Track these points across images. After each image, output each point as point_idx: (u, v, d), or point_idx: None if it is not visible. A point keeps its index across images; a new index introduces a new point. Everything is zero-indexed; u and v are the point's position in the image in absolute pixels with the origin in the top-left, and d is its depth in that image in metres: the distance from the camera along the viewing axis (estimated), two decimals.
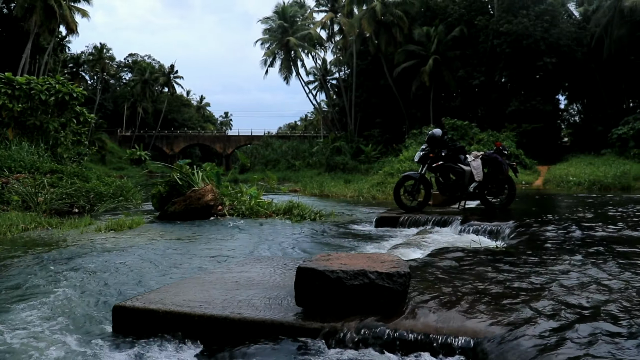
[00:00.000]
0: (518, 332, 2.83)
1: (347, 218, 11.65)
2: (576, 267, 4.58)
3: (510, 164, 10.02)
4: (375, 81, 48.68)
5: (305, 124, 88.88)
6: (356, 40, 47.62)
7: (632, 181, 24.39)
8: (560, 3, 44.98)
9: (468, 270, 4.53)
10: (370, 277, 3.24)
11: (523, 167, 31.13)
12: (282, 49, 51.24)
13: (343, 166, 39.95)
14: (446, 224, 8.68)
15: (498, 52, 41.23)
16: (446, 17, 45.47)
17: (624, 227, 7.43)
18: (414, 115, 46.15)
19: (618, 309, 3.18)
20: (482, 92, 43.80)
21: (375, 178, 24.58)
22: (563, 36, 40.91)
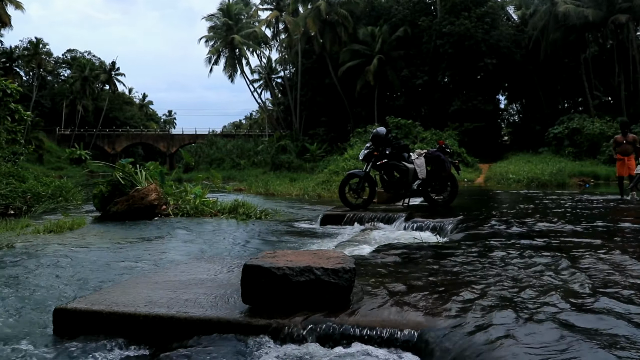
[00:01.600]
0: (458, 322, 2.92)
1: (293, 216, 11.68)
2: (515, 260, 4.75)
3: (452, 162, 10.26)
4: (320, 80, 48.87)
5: (250, 122, 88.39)
6: (301, 39, 47.69)
7: (567, 178, 25.38)
8: (500, 6, 46.29)
9: (412, 265, 4.63)
10: (316, 273, 3.26)
11: (465, 165, 31.91)
12: (226, 46, 50.79)
13: (288, 165, 39.98)
14: (391, 221, 8.82)
15: (441, 53, 42.06)
16: (390, 18, 46.09)
17: (559, 221, 7.74)
18: (358, 114, 46.58)
19: (556, 299, 3.32)
20: (425, 91, 44.61)
21: (321, 176, 24.71)
22: (503, 38, 42.12)
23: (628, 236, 6.24)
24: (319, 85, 49.35)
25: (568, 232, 6.63)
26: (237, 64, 51.53)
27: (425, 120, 41.93)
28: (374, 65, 43.18)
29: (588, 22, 40.02)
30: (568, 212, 9.27)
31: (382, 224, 8.78)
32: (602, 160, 32.95)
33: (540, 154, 36.26)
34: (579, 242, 5.79)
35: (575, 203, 11.44)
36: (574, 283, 3.77)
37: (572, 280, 3.86)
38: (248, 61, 52.75)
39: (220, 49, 51.48)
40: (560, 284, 3.77)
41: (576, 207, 10.35)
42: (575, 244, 5.65)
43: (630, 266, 4.33)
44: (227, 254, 6.43)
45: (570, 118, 38.85)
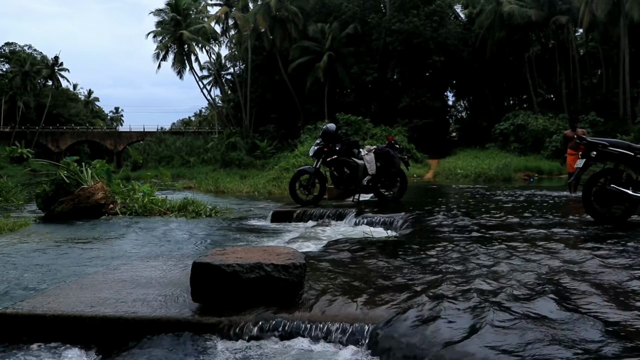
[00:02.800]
0: (407, 315, 2.96)
1: (243, 213, 11.62)
2: (463, 252, 4.86)
3: (401, 158, 10.40)
4: (270, 77, 48.69)
5: (200, 119, 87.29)
6: (251, 35, 47.39)
7: (512, 173, 26.07)
8: (447, 5, 47.08)
9: (362, 260, 4.68)
10: (267, 270, 3.26)
11: (415, 161, 32.35)
12: (175, 42, 49.91)
13: (239, 162, 39.72)
14: (341, 216, 8.86)
15: (390, 50, 42.48)
16: (340, 15, 46.27)
17: (504, 214, 7.96)
18: (309, 111, 46.64)
19: (503, 291, 3.41)
20: (375, 88, 45.02)
21: (271, 173, 24.65)
22: (450, 36, 42.88)
23: (569, 228, 6.46)
24: (269, 82, 49.15)
25: (513, 224, 6.83)
26: (186, 60, 50.71)
27: (375, 117, 42.34)
28: (324, 62, 43.30)
29: (531, 22, 41.21)
30: (514, 206, 9.53)
31: (333, 220, 8.81)
32: (545, 155, 34.03)
33: (487, 150, 37.14)
34: (524, 234, 5.96)
35: (520, 197, 11.77)
36: (519, 273, 3.88)
37: (517, 270, 3.97)
38: (197, 57, 52.07)
39: (169, 44, 50.53)
40: (506, 274, 3.87)
41: (521, 201, 10.65)
42: (520, 236, 5.82)
43: (574, 258, 4.48)
44: (177, 253, 6.35)
45: (515, 115, 39.95)
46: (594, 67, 50.05)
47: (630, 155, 6.69)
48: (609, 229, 6.25)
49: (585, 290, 3.42)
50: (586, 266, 4.16)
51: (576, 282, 3.64)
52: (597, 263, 4.24)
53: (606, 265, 4.15)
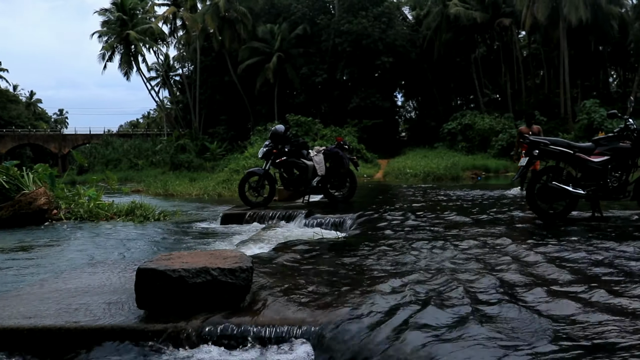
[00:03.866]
0: (356, 316, 2.97)
1: (192, 217, 11.47)
2: (412, 251, 4.92)
3: (351, 158, 10.46)
4: (219, 78, 48.27)
5: (148, 121, 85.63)
6: (200, 36, 46.85)
7: (460, 171, 26.58)
8: (395, 6, 47.66)
9: (311, 261, 4.67)
10: (213, 274, 3.22)
11: (364, 161, 32.62)
12: (121, 43, 48.83)
13: (188, 164, 39.20)
14: (291, 218, 8.85)
15: (340, 51, 42.72)
16: (290, 15, 46.28)
17: (452, 213, 8.10)
18: (258, 112, 46.47)
19: (450, 288, 3.46)
20: (325, 89, 45.19)
21: (221, 175, 24.44)
22: (399, 37, 43.42)
23: (513, 224, 6.63)
24: (219, 83, 48.72)
25: (460, 223, 6.96)
26: (133, 60, 49.68)
27: (325, 118, 42.52)
28: (274, 63, 43.21)
29: (476, 24, 42.15)
30: (462, 205, 9.72)
31: (283, 222, 8.79)
32: (492, 154, 34.90)
33: (436, 149, 37.81)
34: (471, 232, 6.08)
35: (468, 196, 12.00)
36: (464, 271, 3.95)
37: (463, 268, 4.04)
38: (144, 58, 51.16)
39: (115, 45, 49.38)
40: (453, 271, 3.93)
41: (469, 200, 10.86)
42: (467, 233, 5.94)
43: (522, 256, 4.59)
44: (122, 259, 6.21)
45: (462, 114, 40.81)
46: (536, 68, 51.58)
47: (570, 153, 6.92)
48: (550, 225, 6.44)
49: (526, 283, 3.50)
50: (528, 261, 4.28)
51: (517, 276, 3.73)
52: (539, 258, 4.35)
53: (548, 260, 4.26)
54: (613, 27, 42.96)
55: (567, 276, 3.73)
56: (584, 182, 6.99)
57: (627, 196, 7.06)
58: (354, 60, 42.68)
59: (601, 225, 6.39)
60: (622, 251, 4.64)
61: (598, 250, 4.66)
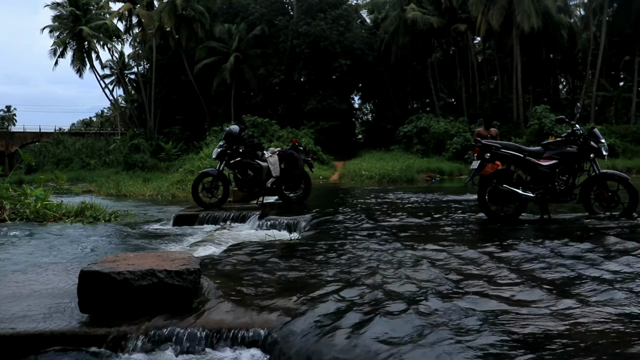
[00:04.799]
0: (306, 318, 2.95)
1: (144, 218, 11.24)
2: (364, 252, 4.92)
3: (305, 160, 10.45)
4: (176, 77, 47.65)
5: (102, 120, 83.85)
6: (156, 34, 46.14)
7: (415, 174, 26.89)
8: (354, 9, 47.97)
9: (263, 263, 4.63)
10: (159, 276, 3.15)
11: (321, 163, 32.67)
12: (74, 38, 47.56)
13: (142, 164, 38.53)
14: (245, 219, 8.79)
15: (297, 52, 42.72)
16: (248, 16, 46.06)
17: (405, 215, 8.16)
18: (215, 112, 46.08)
19: (402, 288, 3.47)
20: (282, 90, 45.13)
21: (176, 176, 24.07)
22: (357, 40, 43.68)
23: (464, 226, 6.72)
24: (175, 83, 48.09)
25: (413, 225, 7.02)
26: (86, 57, 48.45)
27: (282, 119, 42.47)
28: (231, 63, 42.91)
29: (433, 29, 42.74)
30: (415, 207, 9.81)
31: (236, 223, 8.72)
32: (447, 157, 35.43)
33: (392, 151, 38.18)
34: (423, 234, 6.14)
35: (421, 198, 12.13)
36: (418, 273, 3.97)
37: (417, 270, 4.06)
38: (98, 55, 49.87)
39: (67, 40, 48.02)
40: (407, 274, 3.94)
41: (422, 202, 10.98)
42: (420, 235, 5.99)
43: (466, 255, 4.65)
44: (67, 261, 6.02)
45: (418, 117, 41.32)
46: (490, 73, 52.66)
47: (520, 157, 7.07)
48: (501, 227, 6.55)
49: (472, 283, 3.54)
50: (478, 262, 4.33)
51: (465, 277, 3.77)
52: (487, 259, 4.42)
53: (499, 260, 4.32)
54: (563, 37, 44.29)
55: (511, 275, 3.79)
56: (533, 185, 7.16)
57: (573, 199, 7.26)
58: (312, 62, 42.75)
59: (549, 227, 6.54)
60: (562, 251, 4.78)
61: (543, 251, 4.79)
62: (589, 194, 7.39)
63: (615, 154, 33.08)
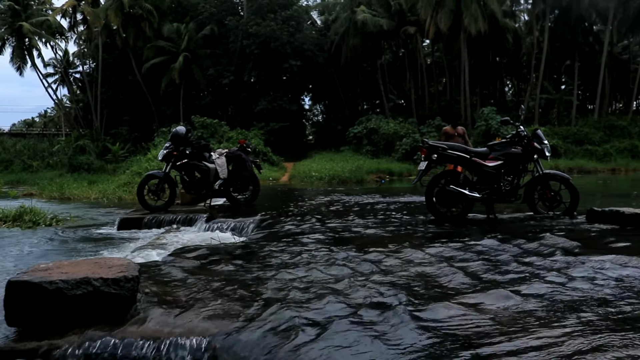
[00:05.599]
0: (249, 324, 2.87)
1: (88, 222, 10.91)
2: (312, 256, 4.85)
3: (254, 161, 10.33)
4: (123, 76, 46.59)
5: (45, 120, 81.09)
6: (102, 32, 44.97)
7: (365, 175, 27.04)
8: (304, 10, 47.97)
9: (207, 268, 4.50)
10: (95, 285, 3.00)
11: (271, 164, 32.53)
12: (13, 35, 45.63)
13: (88, 166, 37.43)
14: (192, 222, 8.62)
15: (247, 53, 42.43)
16: (197, 15, 45.44)
17: (354, 217, 8.15)
18: (164, 113, 45.28)
19: (350, 291, 3.41)
20: (232, 91, 44.72)
21: (123, 178, 23.47)
22: (307, 41, 43.68)
23: (411, 227, 6.73)
24: (122, 82, 47.02)
25: (360, 225, 7.00)
26: (27, 55, 46.58)
27: (232, 120, 42.08)
28: (180, 63, 42.22)
29: (383, 31, 43.13)
30: (364, 208, 9.82)
31: (184, 226, 8.54)
32: (396, 158, 35.82)
33: (342, 153, 38.33)
34: (370, 235, 6.12)
35: (370, 199, 12.17)
36: (361, 275, 3.93)
37: (360, 272, 4.02)
38: (40, 53, 48.10)
39: (6, 37, 46.00)
40: (351, 277, 3.90)
41: (371, 203, 11.00)
42: (366, 238, 5.96)
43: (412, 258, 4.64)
44: None
45: (368, 119, 41.62)
46: (439, 75, 53.58)
47: (467, 158, 7.16)
48: (448, 227, 6.60)
49: (419, 286, 3.52)
50: (419, 261, 4.33)
51: (409, 280, 3.75)
52: (432, 259, 4.42)
53: (439, 260, 4.33)
54: (508, 40, 45.44)
55: (458, 276, 3.79)
56: (479, 185, 7.27)
57: (518, 199, 7.42)
58: (262, 63, 42.52)
59: (494, 226, 6.63)
60: (505, 250, 4.87)
61: (487, 250, 4.84)
62: (533, 193, 7.55)
63: (558, 155, 34.13)
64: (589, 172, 32.37)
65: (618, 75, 48.63)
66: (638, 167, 34.92)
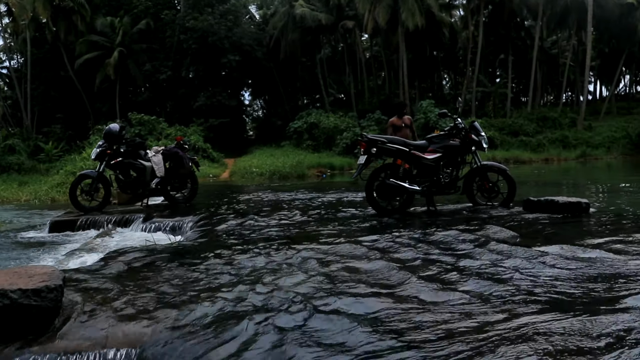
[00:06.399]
0: (182, 332, 2.73)
1: (17, 225, 10.41)
2: (249, 254, 4.72)
3: (191, 158, 10.09)
4: (54, 72, 44.89)
5: None
6: (30, 25, 43.06)
7: (306, 169, 27.03)
8: (242, 4, 47.48)
9: (140, 272, 4.29)
10: (12, 297, 2.77)
11: (211, 161, 32.11)
12: None
13: (18, 167, 35.81)
14: (128, 223, 8.32)
15: (185, 48, 41.72)
16: (132, 9, 44.25)
17: (296, 213, 8.05)
18: (99, 110, 43.95)
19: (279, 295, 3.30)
20: (170, 86, 43.85)
21: (56, 178, 22.58)
22: (245, 36, 43.29)
23: (352, 221, 6.68)
24: (54, 78, 45.29)
25: (300, 222, 6.91)
26: None
27: (171, 116, 41.27)
28: (115, 58, 41.04)
29: (322, 25, 43.23)
30: (306, 204, 9.72)
31: (119, 227, 8.23)
32: (337, 152, 35.98)
33: (283, 148, 38.22)
34: (309, 231, 6.03)
35: (311, 194, 12.11)
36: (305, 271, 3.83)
37: (304, 269, 3.92)
38: None
39: None
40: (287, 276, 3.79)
41: (312, 198, 10.93)
42: (306, 234, 5.87)
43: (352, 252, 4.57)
44: None
45: (308, 113, 41.64)
46: (378, 69, 54.15)
47: (406, 151, 7.17)
48: (389, 220, 6.58)
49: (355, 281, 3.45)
50: (362, 257, 4.26)
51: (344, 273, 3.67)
52: (372, 253, 4.37)
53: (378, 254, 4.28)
54: (445, 35, 46.37)
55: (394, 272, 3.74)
56: (419, 178, 7.30)
57: (457, 191, 7.50)
58: (200, 58, 41.85)
59: (434, 218, 6.66)
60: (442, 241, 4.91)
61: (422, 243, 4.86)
62: (472, 185, 7.65)
63: (495, 146, 35.09)
64: (524, 163, 33.44)
65: (548, 68, 50.48)
66: (569, 157, 36.35)
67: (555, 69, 50.62)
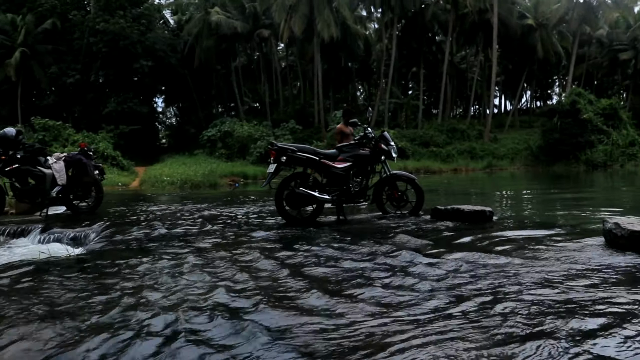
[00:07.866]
0: (76, 352, 2.54)
1: None
2: (153, 266, 4.54)
3: (96, 166, 9.67)
4: None
5: None
6: None
7: (218, 178, 26.71)
8: (156, 9, 46.44)
9: (30, 288, 3.98)
10: None
11: (120, 169, 31.09)
12: None
13: None
14: (25, 234, 7.80)
15: (95, 51, 40.28)
16: (36, 7, 42.13)
17: (203, 222, 7.87)
18: None
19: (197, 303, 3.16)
20: (78, 91, 42.07)
21: None
22: (159, 41, 42.34)
23: (260, 231, 6.59)
24: None
25: (207, 232, 6.75)
26: None
27: (78, 122, 39.56)
28: (16, 58, 38.96)
29: (237, 33, 42.99)
30: (213, 214, 9.54)
31: (14, 239, 7.70)
32: (250, 161, 35.81)
33: (196, 156, 37.59)
34: (216, 241, 5.89)
35: (220, 203, 11.92)
36: (202, 284, 3.70)
37: (200, 282, 3.79)
38: None
39: None
40: (190, 287, 3.65)
41: (220, 208, 10.77)
42: (212, 244, 5.73)
43: (256, 263, 4.49)
44: None
45: (222, 122, 41.20)
46: (293, 79, 54.47)
47: (316, 160, 7.18)
48: (298, 230, 6.54)
49: (251, 290, 3.37)
50: (267, 268, 4.18)
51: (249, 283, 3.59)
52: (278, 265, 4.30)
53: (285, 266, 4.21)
54: (359, 47, 47.33)
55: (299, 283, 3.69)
56: (329, 187, 7.32)
57: (367, 200, 7.60)
58: (111, 62, 40.47)
59: (344, 227, 6.69)
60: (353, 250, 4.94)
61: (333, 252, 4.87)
62: (381, 194, 7.77)
63: (406, 156, 36.06)
64: (434, 172, 34.55)
65: (458, 82, 52.58)
66: (476, 167, 37.94)
67: (464, 83, 52.78)
